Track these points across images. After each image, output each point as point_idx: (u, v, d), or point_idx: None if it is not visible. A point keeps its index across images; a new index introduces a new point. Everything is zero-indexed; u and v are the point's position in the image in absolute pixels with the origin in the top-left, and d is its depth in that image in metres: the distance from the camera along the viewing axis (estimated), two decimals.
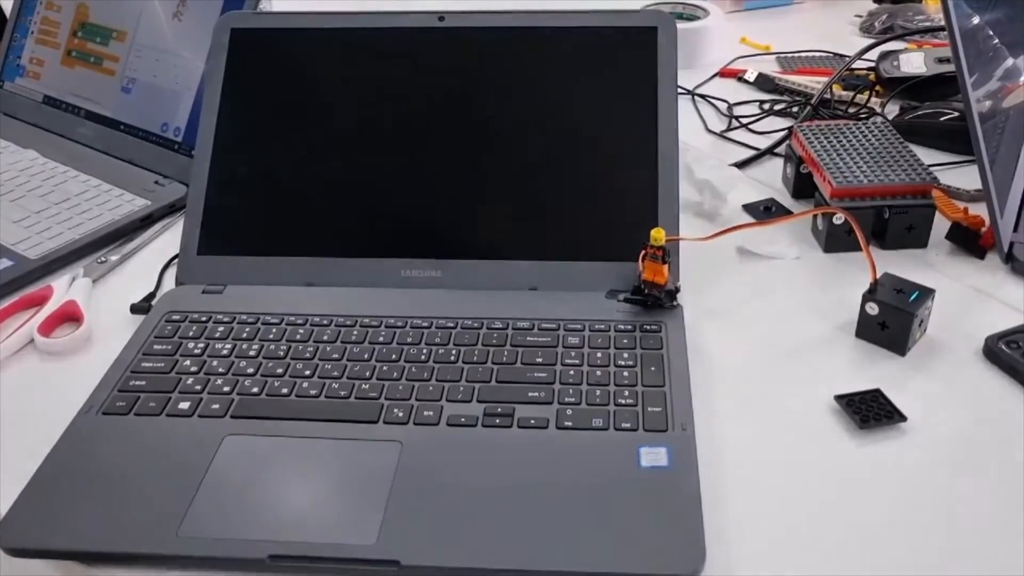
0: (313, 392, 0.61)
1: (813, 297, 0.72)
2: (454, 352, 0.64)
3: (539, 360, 0.63)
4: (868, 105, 1.00)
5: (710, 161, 0.87)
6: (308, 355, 0.64)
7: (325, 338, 0.66)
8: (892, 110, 0.99)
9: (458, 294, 0.70)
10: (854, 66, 1.04)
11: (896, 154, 0.79)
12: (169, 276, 0.77)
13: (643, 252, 0.67)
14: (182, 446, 0.57)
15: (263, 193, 0.75)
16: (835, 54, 1.16)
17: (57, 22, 1.03)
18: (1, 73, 1.07)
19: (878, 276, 0.66)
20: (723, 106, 1.05)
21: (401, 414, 0.59)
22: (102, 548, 0.51)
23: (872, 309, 0.66)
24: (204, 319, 0.68)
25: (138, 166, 0.93)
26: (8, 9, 1.09)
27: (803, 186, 0.84)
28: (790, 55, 1.17)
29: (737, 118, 1.02)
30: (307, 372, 0.63)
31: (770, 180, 0.90)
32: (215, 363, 0.64)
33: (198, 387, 0.62)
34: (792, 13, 1.35)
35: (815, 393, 0.62)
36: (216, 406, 0.60)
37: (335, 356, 0.64)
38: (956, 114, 0.92)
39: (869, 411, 0.60)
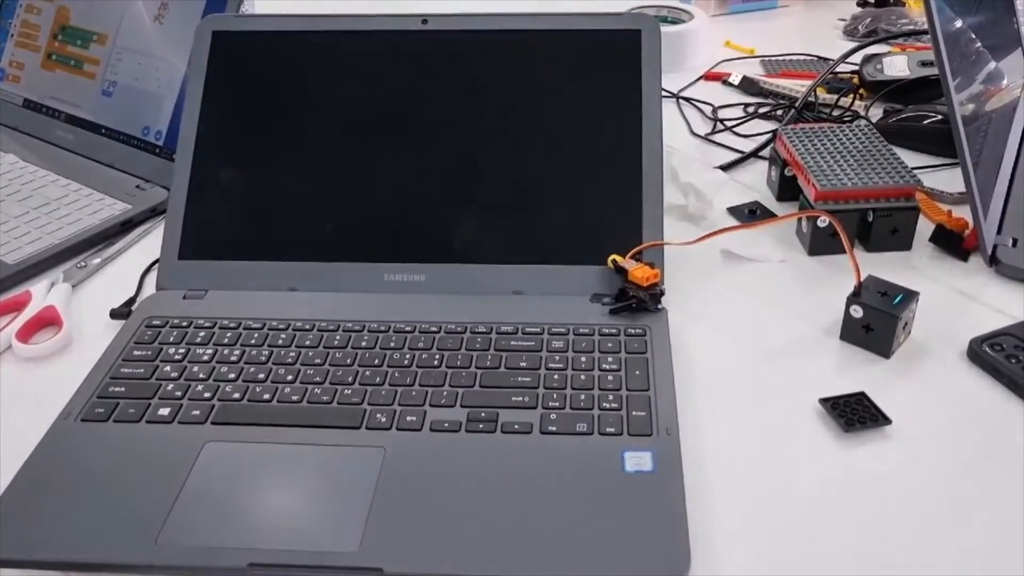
0: (295, 398, 0.61)
1: (797, 300, 0.72)
2: (437, 357, 0.64)
3: (523, 365, 0.63)
4: (852, 108, 1.01)
5: (695, 164, 0.87)
6: (290, 360, 0.64)
7: (307, 343, 0.65)
8: (876, 113, 0.99)
9: (441, 298, 0.69)
10: (838, 69, 1.04)
11: (880, 157, 0.79)
12: (150, 281, 0.76)
13: (612, 258, 0.68)
14: (162, 453, 0.57)
15: (245, 197, 0.74)
16: (819, 57, 1.16)
17: (37, 25, 1.03)
18: None
19: (862, 279, 0.66)
20: (708, 109, 1.05)
21: (384, 419, 0.59)
22: (79, 558, 0.50)
23: (856, 312, 0.66)
24: (185, 324, 0.68)
25: (119, 170, 0.92)
26: None
27: (788, 189, 0.84)
28: (774, 58, 1.17)
29: (722, 121, 1.02)
30: (289, 377, 0.62)
31: (755, 183, 0.90)
32: (196, 369, 0.63)
33: (178, 393, 0.61)
34: (776, 16, 1.36)
35: (800, 396, 0.62)
36: (196, 412, 0.60)
37: (317, 361, 0.64)
38: (939, 117, 0.93)
39: (854, 414, 0.60)
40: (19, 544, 0.51)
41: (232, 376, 0.63)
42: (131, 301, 0.74)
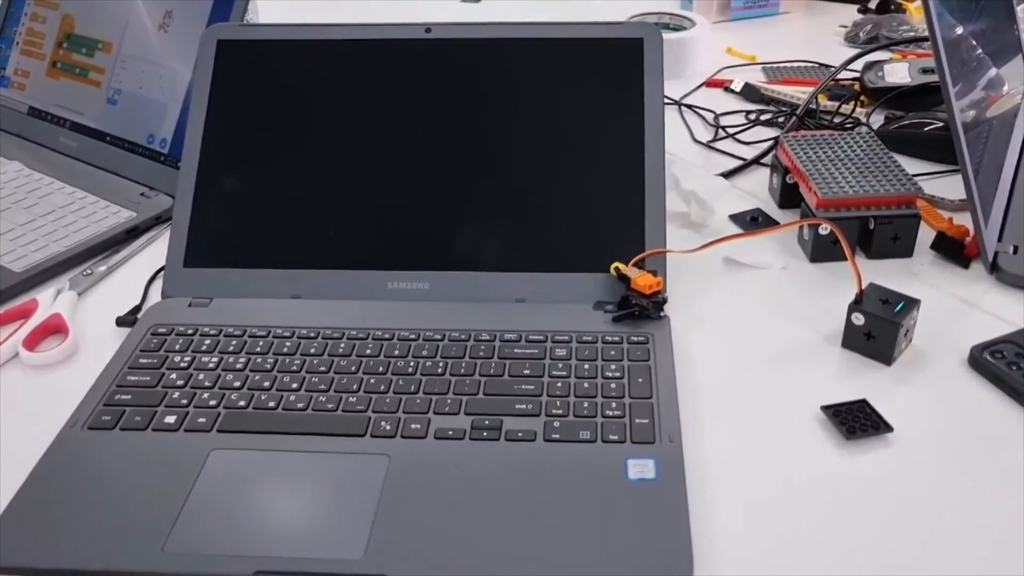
0: (300, 405, 0.61)
1: (799, 307, 0.72)
2: (441, 364, 0.64)
3: (526, 372, 0.63)
4: (853, 115, 1.01)
5: (697, 171, 0.87)
6: (295, 368, 0.64)
7: (312, 351, 0.66)
8: (877, 120, 1.00)
9: (445, 306, 0.70)
10: (839, 76, 1.05)
11: (881, 164, 0.79)
12: (155, 289, 0.77)
13: (614, 266, 0.68)
14: (168, 461, 0.57)
15: (249, 205, 0.75)
16: (820, 64, 1.17)
17: (42, 33, 1.03)
18: None
19: (864, 286, 0.67)
20: (710, 116, 1.06)
21: (388, 427, 0.59)
22: (86, 565, 0.51)
23: (858, 319, 0.66)
24: (190, 332, 0.68)
25: (124, 178, 0.92)
26: None
27: (789, 196, 0.84)
28: (776, 65, 1.18)
29: (723, 128, 1.03)
30: (294, 385, 0.63)
31: (756, 190, 0.90)
32: (201, 376, 0.64)
33: (184, 401, 0.62)
34: (777, 23, 1.36)
35: (801, 403, 0.62)
36: (202, 420, 0.60)
37: (322, 369, 0.64)
38: (940, 124, 0.93)
39: (855, 422, 0.60)
40: (27, 551, 0.51)
41: (238, 384, 0.63)
42: (137, 309, 0.74)
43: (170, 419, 0.60)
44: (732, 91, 1.11)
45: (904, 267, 0.77)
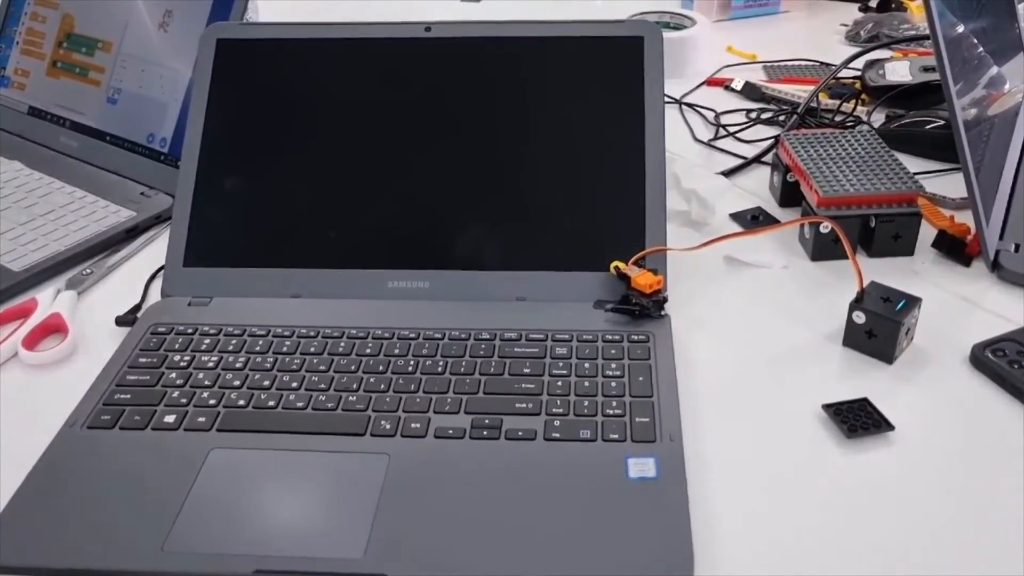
0: (300, 404, 0.61)
1: (800, 306, 0.72)
2: (441, 363, 0.64)
3: (527, 371, 0.63)
4: (854, 114, 1.01)
5: (697, 170, 0.87)
6: (295, 367, 0.64)
7: (312, 350, 0.66)
8: (878, 119, 1.00)
9: (445, 305, 0.70)
10: (840, 75, 1.04)
11: (882, 162, 0.79)
12: (155, 288, 0.77)
13: (614, 265, 0.68)
14: (167, 460, 0.57)
15: (249, 204, 0.74)
16: (821, 63, 1.16)
17: (42, 32, 1.03)
18: None
19: (865, 285, 0.66)
20: (710, 115, 1.06)
21: (388, 426, 0.59)
22: (86, 565, 0.50)
23: (859, 318, 0.66)
24: (190, 331, 0.68)
25: (124, 177, 0.92)
26: None
27: (790, 195, 0.84)
28: (776, 64, 1.18)
29: (724, 127, 1.02)
30: (294, 384, 0.63)
31: (757, 189, 0.90)
32: (201, 376, 0.64)
33: (184, 400, 0.61)
34: (778, 22, 1.36)
35: (803, 402, 0.62)
36: (202, 419, 0.60)
37: (322, 368, 0.64)
38: (941, 122, 0.93)
39: (857, 420, 0.60)
40: (26, 551, 0.51)
41: (237, 383, 0.63)
42: (136, 308, 0.74)
43: (170, 418, 0.60)
44: (733, 90, 1.11)
45: (905, 265, 0.77)
